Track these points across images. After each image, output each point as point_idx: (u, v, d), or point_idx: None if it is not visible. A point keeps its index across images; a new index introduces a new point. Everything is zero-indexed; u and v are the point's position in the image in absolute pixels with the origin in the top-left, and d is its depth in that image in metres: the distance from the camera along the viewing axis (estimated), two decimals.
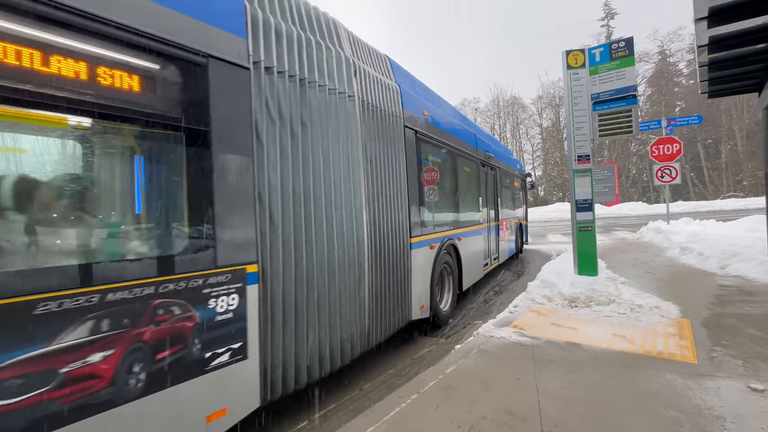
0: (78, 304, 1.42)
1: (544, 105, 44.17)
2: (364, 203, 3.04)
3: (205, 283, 1.86)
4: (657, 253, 7.77)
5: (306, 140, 2.52)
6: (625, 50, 4.63)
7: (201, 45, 1.92)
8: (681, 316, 3.76)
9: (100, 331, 1.49)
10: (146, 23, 1.69)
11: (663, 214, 11.23)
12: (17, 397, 1.27)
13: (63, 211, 1.70)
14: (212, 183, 1.92)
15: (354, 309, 2.85)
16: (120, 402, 1.53)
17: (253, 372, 2.07)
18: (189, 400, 1.77)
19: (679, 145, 10.06)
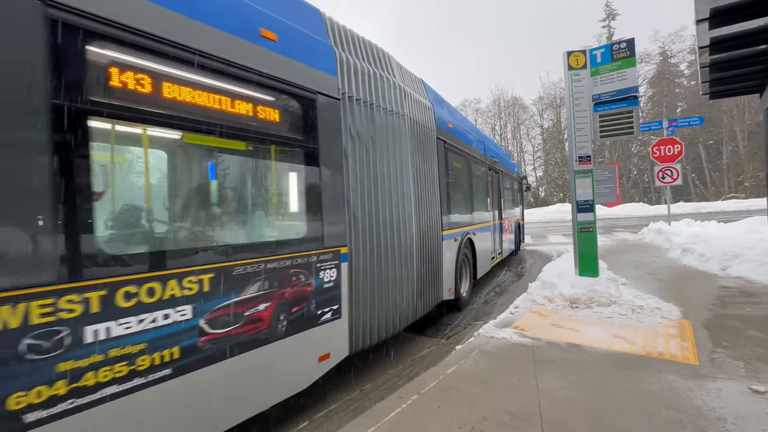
0: (253, 269, 2.12)
1: (545, 106, 44.14)
2: (413, 202, 3.71)
3: (318, 260, 2.56)
4: (658, 254, 7.76)
5: (374, 152, 3.18)
6: (627, 51, 4.63)
7: (314, 85, 2.62)
8: (682, 317, 3.75)
9: (264, 289, 2.18)
10: (289, 73, 2.43)
11: (664, 215, 11.22)
12: (222, 329, 1.95)
13: (238, 207, 2.63)
14: (320, 187, 2.63)
15: (406, 287, 3.53)
16: (272, 340, 2.21)
17: (345, 328, 2.78)
18: (309, 343, 2.47)
19: (680, 146, 10.05)
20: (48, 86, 1.41)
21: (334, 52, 2.91)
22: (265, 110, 2.28)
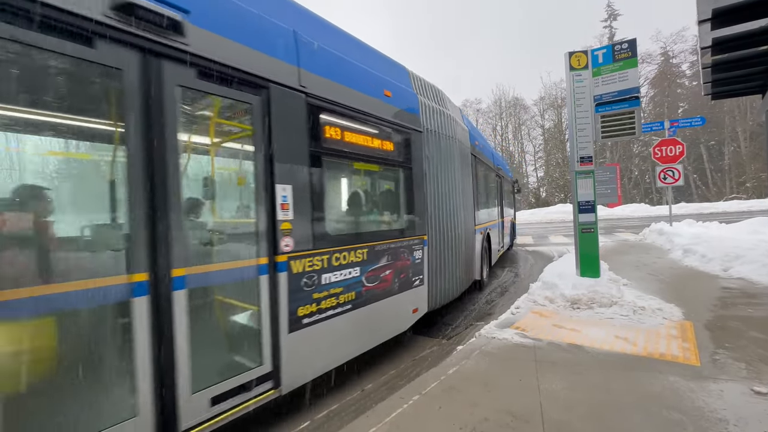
0: (386, 246, 3.37)
1: (546, 106, 44.10)
2: (460, 204, 4.91)
3: (413, 243, 3.77)
4: (659, 255, 7.74)
5: (438, 168, 4.37)
6: (628, 52, 4.62)
7: (411, 124, 3.87)
8: (684, 318, 3.75)
9: (390, 260, 3.40)
10: (398, 117, 3.66)
11: (665, 215, 11.19)
12: (372, 283, 3.15)
13: (378, 208, 3.88)
14: (415, 193, 3.86)
15: (457, 266, 4.74)
16: (392, 294, 3.43)
17: (425, 292, 3.96)
18: (408, 299, 3.65)
19: (682, 146, 10.03)
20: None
21: (417, 98, 4.12)
22: (387, 143, 3.52)
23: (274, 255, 2.37)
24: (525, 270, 7.86)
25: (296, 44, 2.63)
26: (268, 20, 2.48)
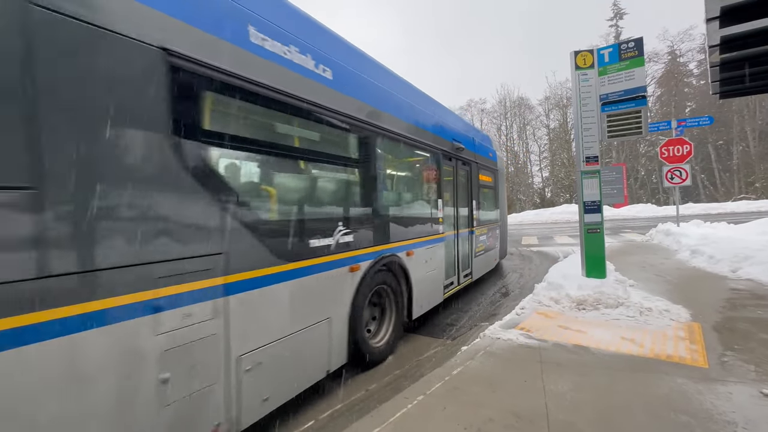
0: (494, 226, 7.60)
1: (552, 106, 43.85)
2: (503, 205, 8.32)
3: (497, 226, 7.78)
4: (666, 255, 7.66)
5: (500, 187, 8.20)
6: (635, 51, 4.58)
7: (496, 167, 7.81)
8: (691, 319, 3.70)
9: (492, 233, 7.39)
10: (496, 165, 7.84)
11: (673, 216, 11.08)
12: (488, 242, 7.12)
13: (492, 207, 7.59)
14: (497, 200, 7.90)
15: (506, 239, 8.65)
16: (493, 249, 7.36)
17: (498, 252, 7.76)
18: (494, 253, 7.45)
19: (689, 146, 9.92)
20: None
21: (496, 153, 7.82)
22: (491, 179, 7.35)
23: (471, 227, 6.04)
24: (530, 270, 7.82)
25: (473, 144, 6.33)
26: (487, 147, 7.25)
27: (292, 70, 2.47)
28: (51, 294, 1.35)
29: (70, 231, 1.42)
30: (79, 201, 1.45)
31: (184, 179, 1.84)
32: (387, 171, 3.91)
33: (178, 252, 1.77)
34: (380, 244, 3.41)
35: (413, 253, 3.98)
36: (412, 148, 4.23)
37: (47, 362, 1.34)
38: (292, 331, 2.43)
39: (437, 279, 4.62)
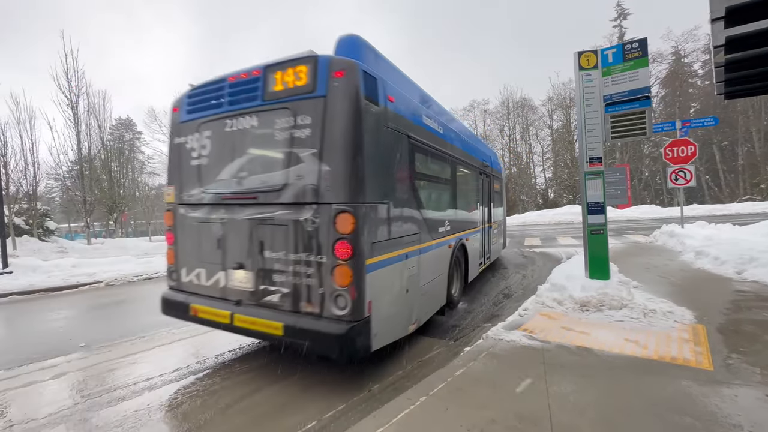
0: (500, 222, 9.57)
1: (555, 106, 43.69)
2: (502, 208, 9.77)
3: (503, 220, 9.86)
4: (670, 257, 7.62)
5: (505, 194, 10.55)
6: (639, 51, 4.56)
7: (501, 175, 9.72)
8: (696, 321, 3.68)
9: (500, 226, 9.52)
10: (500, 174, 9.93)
11: (677, 217, 11.01)
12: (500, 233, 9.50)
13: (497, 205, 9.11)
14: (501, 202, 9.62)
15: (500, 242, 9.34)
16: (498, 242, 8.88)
17: (502, 245, 9.77)
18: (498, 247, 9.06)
19: (693, 147, 9.86)
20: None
21: (500, 164, 9.79)
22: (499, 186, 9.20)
23: (491, 223, 7.63)
24: (532, 272, 7.79)
25: (491, 160, 8.11)
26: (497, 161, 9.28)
27: (436, 134, 4.50)
28: (393, 244, 3.20)
29: (396, 221, 3.29)
30: (395, 207, 3.29)
31: (415, 195, 3.76)
32: (462, 187, 5.73)
33: (410, 231, 3.60)
34: (457, 232, 5.21)
35: (469, 239, 5.88)
36: (471, 170, 6.36)
37: (399, 267, 3.31)
38: (433, 278, 4.21)
39: (476, 257, 6.48)
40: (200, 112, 3.52)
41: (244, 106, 3.20)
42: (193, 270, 3.51)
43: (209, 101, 3.46)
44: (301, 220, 2.84)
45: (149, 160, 61.00)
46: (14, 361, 3.91)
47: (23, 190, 18.34)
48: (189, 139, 3.58)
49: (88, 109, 20.72)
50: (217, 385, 3.07)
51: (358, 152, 2.75)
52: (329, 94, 2.80)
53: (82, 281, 8.93)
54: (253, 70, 3.19)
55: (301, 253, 2.83)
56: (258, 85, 3.13)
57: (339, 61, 2.84)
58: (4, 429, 2.56)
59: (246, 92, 3.20)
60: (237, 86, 3.27)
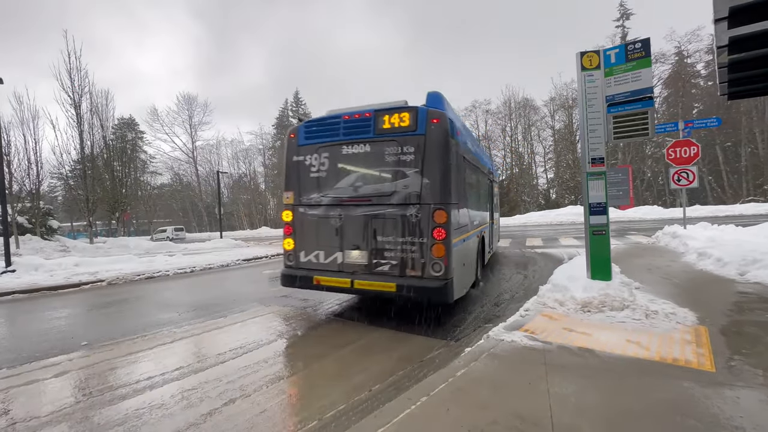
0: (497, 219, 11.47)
1: (557, 107, 43.61)
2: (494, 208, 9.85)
3: (493, 223, 9.26)
4: (673, 258, 7.59)
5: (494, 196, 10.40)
6: (642, 51, 4.55)
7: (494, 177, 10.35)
8: (698, 323, 3.67)
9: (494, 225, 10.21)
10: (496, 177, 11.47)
11: (679, 218, 10.97)
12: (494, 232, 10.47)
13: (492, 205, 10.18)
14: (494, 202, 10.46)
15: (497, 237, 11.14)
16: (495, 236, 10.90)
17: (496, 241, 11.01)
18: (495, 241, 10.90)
19: (696, 147, 9.83)
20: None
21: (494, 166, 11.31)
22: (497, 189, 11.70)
23: (493, 221, 9.01)
24: (534, 272, 7.77)
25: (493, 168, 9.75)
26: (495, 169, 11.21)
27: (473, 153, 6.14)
28: (462, 232, 4.76)
29: (463, 216, 4.86)
30: (464, 207, 5.03)
31: (467, 199, 5.30)
32: (482, 191, 7.47)
33: (466, 223, 5.08)
34: (480, 226, 6.71)
35: (485, 232, 7.35)
36: (486, 178, 8.08)
37: (463, 246, 4.86)
38: (472, 258, 5.62)
39: (487, 247, 7.88)
40: (317, 139, 4.84)
41: (358, 137, 4.57)
42: (312, 252, 4.83)
43: (326, 131, 4.80)
44: (407, 215, 4.27)
45: (151, 159, 61.28)
46: (17, 359, 3.93)
47: (26, 189, 18.42)
48: (307, 158, 4.90)
49: (91, 108, 20.81)
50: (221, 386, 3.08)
51: (447, 171, 4.22)
52: (428, 133, 4.21)
53: (85, 280, 8.96)
54: (365, 112, 4.57)
55: (407, 236, 4.26)
56: (369, 123, 4.50)
57: (434, 111, 4.28)
58: (7, 426, 2.57)
59: (359, 128, 4.56)
60: (351, 123, 4.63)
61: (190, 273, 10.60)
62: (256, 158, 63.17)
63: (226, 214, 53.44)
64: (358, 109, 4.70)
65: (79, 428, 2.51)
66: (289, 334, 4.43)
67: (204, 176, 61.84)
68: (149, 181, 54.37)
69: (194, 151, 61.12)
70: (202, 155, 61.81)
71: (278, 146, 62.97)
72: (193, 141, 61.04)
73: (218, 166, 58.88)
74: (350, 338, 4.12)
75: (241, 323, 4.96)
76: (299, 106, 66.58)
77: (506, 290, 6.29)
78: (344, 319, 4.93)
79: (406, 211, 4.28)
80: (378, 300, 5.55)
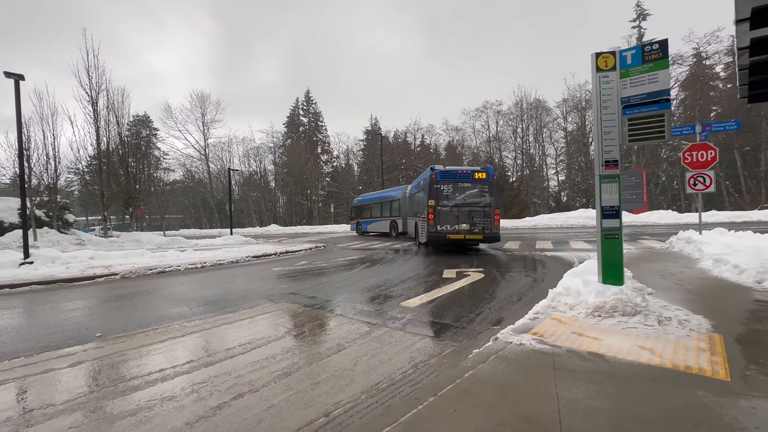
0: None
1: (570, 108, 43.04)
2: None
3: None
4: (687, 264, 7.43)
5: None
6: (659, 53, 4.46)
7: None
8: (713, 330, 3.59)
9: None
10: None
11: (694, 223, 10.73)
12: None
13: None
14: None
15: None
16: None
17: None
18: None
19: (714, 151, 9.60)
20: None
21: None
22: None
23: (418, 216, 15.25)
24: (543, 275, 7.69)
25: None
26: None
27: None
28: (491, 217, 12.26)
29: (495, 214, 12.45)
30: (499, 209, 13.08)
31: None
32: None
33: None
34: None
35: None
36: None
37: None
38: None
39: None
40: (446, 178, 12.09)
41: (465, 179, 12.12)
42: (443, 225, 11.84)
43: (450, 175, 12.15)
44: (485, 210, 11.93)
45: (164, 156, 62.31)
46: (34, 348, 4.04)
47: (44, 183, 18.90)
48: (441, 186, 11.99)
49: (107, 105, 21.26)
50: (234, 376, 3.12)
51: (499, 196, 12.60)
52: (493, 181, 12.12)
53: (99, 273, 9.16)
54: (467, 170, 12.35)
55: (484, 218, 11.85)
56: (471, 175, 12.16)
57: (494, 173, 12.30)
58: (25, 413, 2.64)
59: (466, 176, 12.15)
60: (463, 174, 12.18)
61: (200, 268, 10.75)
62: (266, 156, 63.76)
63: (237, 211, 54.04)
64: (465, 168, 13.10)
65: (93, 417, 2.57)
66: (297, 331, 4.47)
67: (215, 173, 62.66)
68: (162, 177, 55.29)
69: (206, 149, 61.98)
70: (214, 153, 62.65)
71: (288, 145, 63.41)
72: (206, 138, 61.89)
73: (229, 163, 59.58)
74: (356, 336, 4.14)
75: (249, 319, 5.01)
76: (310, 105, 66.95)
77: (515, 292, 6.23)
78: (349, 317, 4.95)
79: (484, 208, 11.87)
80: (388, 297, 5.52)
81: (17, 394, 2.97)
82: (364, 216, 26.61)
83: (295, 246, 16.66)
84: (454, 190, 11.94)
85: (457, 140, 55.19)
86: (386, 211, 23.08)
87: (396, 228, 21.39)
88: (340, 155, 65.21)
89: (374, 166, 50.55)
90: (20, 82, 10.87)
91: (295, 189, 55.89)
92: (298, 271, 9.64)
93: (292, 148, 60.86)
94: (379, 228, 23.88)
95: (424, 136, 58.94)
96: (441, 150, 57.06)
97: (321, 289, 7.10)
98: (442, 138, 58.21)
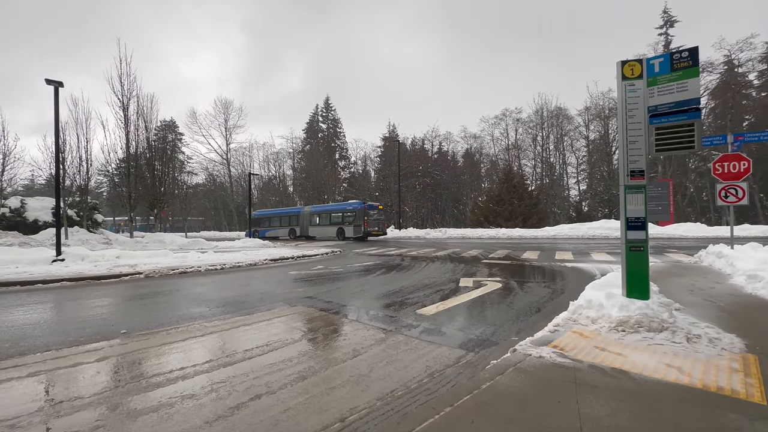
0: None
1: (592, 116, 42.12)
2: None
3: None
4: (718, 279, 7.10)
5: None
6: (689, 60, 4.33)
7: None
8: (747, 350, 3.40)
9: None
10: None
11: (725, 237, 10.26)
12: None
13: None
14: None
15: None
16: None
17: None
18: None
19: (747, 162, 9.19)
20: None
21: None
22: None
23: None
24: (563, 286, 7.50)
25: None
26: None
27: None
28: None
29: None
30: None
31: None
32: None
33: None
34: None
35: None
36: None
37: None
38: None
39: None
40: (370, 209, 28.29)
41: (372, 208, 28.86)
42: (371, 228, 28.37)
43: (372, 208, 28.38)
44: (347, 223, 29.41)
45: (188, 160, 64.39)
46: (64, 342, 4.22)
47: (76, 184, 19.82)
48: (369, 211, 28.21)
49: (137, 111, 22.21)
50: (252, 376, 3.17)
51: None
52: (357, 210, 27.74)
53: (125, 272, 9.51)
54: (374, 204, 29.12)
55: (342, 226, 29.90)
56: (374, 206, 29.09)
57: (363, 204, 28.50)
58: (55, 404, 2.76)
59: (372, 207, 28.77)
60: (371, 206, 28.81)
61: (220, 270, 11.00)
62: (285, 161, 65.02)
63: None
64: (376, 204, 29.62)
65: (117, 412, 2.66)
66: (313, 335, 4.50)
67: (236, 177, 64.21)
68: (185, 180, 57.11)
69: (228, 153, 63.68)
70: (235, 157, 64.33)
71: (307, 150, 64.44)
72: (228, 143, 63.64)
73: (250, 168, 60.99)
74: (372, 342, 4.14)
75: (267, 321, 5.09)
76: (329, 111, 67.97)
77: (533, 304, 6.10)
78: (365, 323, 4.96)
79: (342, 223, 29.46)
80: (403, 304, 5.52)
81: (48, 386, 3.11)
82: (263, 225, 37.20)
83: (312, 250, 16.83)
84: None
85: (476, 147, 54.84)
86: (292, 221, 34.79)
87: (294, 233, 33.62)
88: (358, 161, 65.99)
89: (391, 172, 50.71)
90: (59, 88, 11.51)
91: (312, 194, 56.66)
92: (315, 276, 9.72)
93: (310, 154, 61.94)
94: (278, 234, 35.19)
95: (442, 143, 58.82)
96: (459, 158, 56.79)
97: (337, 293, 7.13)
98: (459, 145, 57.95)
